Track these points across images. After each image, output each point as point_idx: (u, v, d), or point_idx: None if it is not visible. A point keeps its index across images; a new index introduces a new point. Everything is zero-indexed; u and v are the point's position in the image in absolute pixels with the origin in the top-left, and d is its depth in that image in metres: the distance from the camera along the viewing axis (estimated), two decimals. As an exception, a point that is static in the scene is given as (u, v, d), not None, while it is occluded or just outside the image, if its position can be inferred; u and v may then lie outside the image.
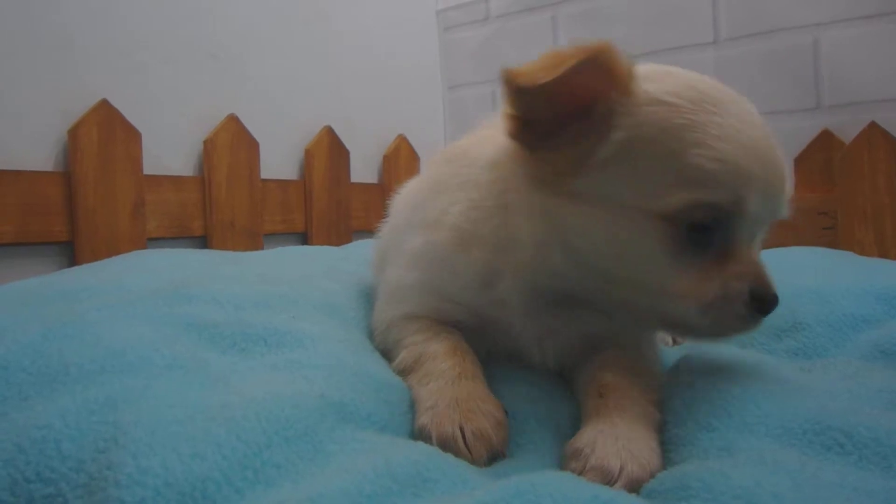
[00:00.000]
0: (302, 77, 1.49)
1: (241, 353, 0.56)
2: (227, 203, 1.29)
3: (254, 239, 1.33)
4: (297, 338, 0.59)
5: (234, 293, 0.65)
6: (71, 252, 1.08)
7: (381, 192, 1.66)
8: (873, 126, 1.30)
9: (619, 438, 0.46)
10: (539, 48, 1.78)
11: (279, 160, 1.44)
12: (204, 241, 1.26)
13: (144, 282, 0.67)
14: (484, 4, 1.80)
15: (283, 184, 1.42)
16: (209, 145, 1.26)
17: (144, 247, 1.15)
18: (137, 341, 0.53)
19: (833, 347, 0.71)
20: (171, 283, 0.66)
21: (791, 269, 0.91)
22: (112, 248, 1.09)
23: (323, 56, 1.54)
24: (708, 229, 0.52)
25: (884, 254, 1.28)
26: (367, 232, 1.64)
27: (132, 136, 1.14)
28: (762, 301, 0.52)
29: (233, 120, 1.31)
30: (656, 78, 0.55)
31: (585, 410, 0.53)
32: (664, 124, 0.51)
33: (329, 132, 1.52)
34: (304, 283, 0.77)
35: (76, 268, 0.79)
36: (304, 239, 1.47)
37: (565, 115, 0.54)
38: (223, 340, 0.57)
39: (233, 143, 1.31)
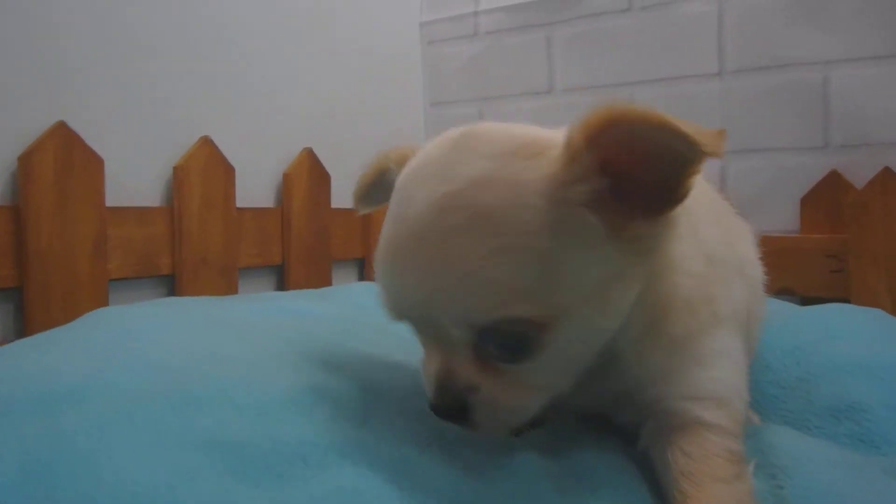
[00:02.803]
0: (279, 94, 1.36)
1: (277, 481, 0.45)
2: (200, 236, 1.15)
3: (228, 276, 1.20)
4: (344, 452, 0.48)
5: (252, 391, 0.53)
6: (19, 298, 0.93)
7: (361, 218, 1.54)
8: (887, 171, 1.26)
9: None
10: (532, 69, 1.71)
11: (255, 186, 1.30)
12: (172, 281, 1.12)
13: (136, 374, 0.54)
14: (472, 19, 1.70)
15: (259, 212, 1.29)
16: (180, 172, 1.12)
17: (105, 290, 1.00)
18: (147, 481, 0.41)
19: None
20: (171, 376, 0.54)
21: (828, 333, 0.85)
22: (68, 294, 0.95)
23: (301, 71, 1.41)
24: None
25: None
26: (347, 261, 1.53)
27: (93, 162, 1.00)
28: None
29: (206, 143, 1.17)
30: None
31: None
32: None
33: (310, 154, 1.39)
34: (333, 362, 0.65)
35: (39, 342, 0.65)
36: (281, 272, 1.34)
37: None
38: (253, 465, 0.45)
39: (206, 168, 1.17)
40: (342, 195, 1.50)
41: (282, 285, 1.34)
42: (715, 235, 0.58)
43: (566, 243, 0.43)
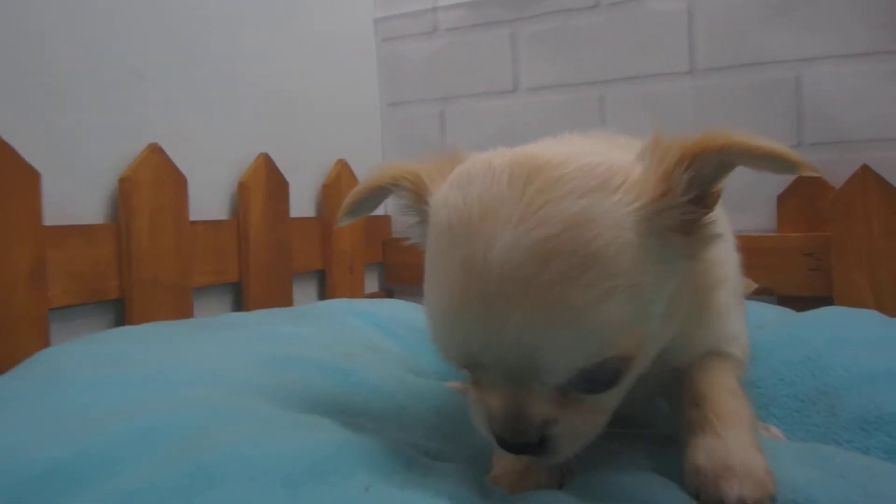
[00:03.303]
0: (231, 96, 1.25)
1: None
2: (150, 254, 1.03)
3: (181, 297, 1.08)
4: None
5: (270, 457, 0.44)
6: (-59, 337, 0.79)
7: (320, 227, 1.44)
8: (865, 169, 1.26)
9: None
10: (496, 68, 1.65)
11: (209, 197, 1.19)
12: (121, 306, 1.00)
13: (128, 442, 0.44)
14: (431, 15, 1.62)
15: (214, 225, 1.17)
16: (127, 184, 1.00)
17: (46, 322, 0.87)
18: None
19: None
20: (173, 448, 0.44)
21: (836, 341, 0.83)
22: (2, 328, 0.82)
23: (253, 72, 1.30)
24: None
25: (879, 298, 1.25)
26: (307, 274, 1.42)
27: (29, 177, 0.87)
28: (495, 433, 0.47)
29: (155, 151, 1.05)
30: (451, 183, 0.50)
31: (685, 423, 0.52)
32: (429, 239, 0.51)
33: (266, 161, 1.28)
34: (345, 415, 0.56)
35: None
36: (239, 290, 1.23)
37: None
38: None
39: (156, 179, 1.05)
40: (301, 204, 1.40)
41: (239, 304, 1.23)
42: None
43: (660, 271, 0.45)
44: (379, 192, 0.57)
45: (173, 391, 0.61)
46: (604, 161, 0.45)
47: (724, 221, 0.60)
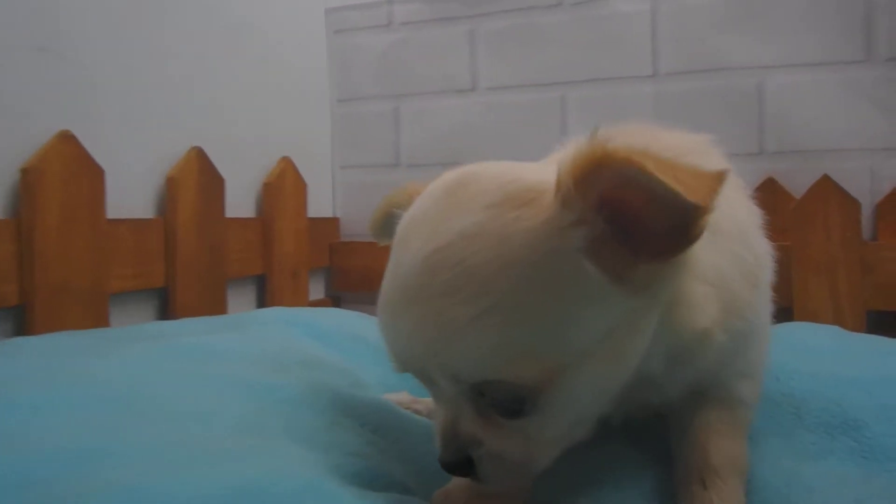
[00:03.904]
0: (162, 82, 1.14)
1: None
2: (59, 255, 0.92)
3: (96, 303, 0.98)
4: None
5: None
6: None
7: (261, 229, 1.34)
8: (826, 179, 1.23)
9: None
10: (454, 65, 1.58)
11: (131, 192, 1.08)
12: (21, 312, 0.89)
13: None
14: (386, 7, 1.54)
15: (137, 224, 1.07)
16: (32, 175, 0.89)
17: (-75, 331, 0.76)
18: None
19: None
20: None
21: (799, 352, 0.81)
22: None
23: (188, 57, 1.20)
24: None
25: (838, 309, 1.23)
26: (245, 280, 1.33)
27: None
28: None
29: (67, 139, 0.94)
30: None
31: (685, 495, 0.52)
32: None
33: (199, 154, 1.18)
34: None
35: None
36: (165, 297, 1.12)
37: None
38: None
39: (67, 170, 0.94)
40: (239, 203, 1.30)
41: (166, 312, 1.13)
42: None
43: (562, 297, 0.41)
44: (389, 218, 0.55)
45: (54, 418, 0.52)
46: (521, 178, 0.43)
47: (720, 250, 0.51)
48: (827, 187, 1.24)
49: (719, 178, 0.37)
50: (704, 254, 0.46)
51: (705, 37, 1.32)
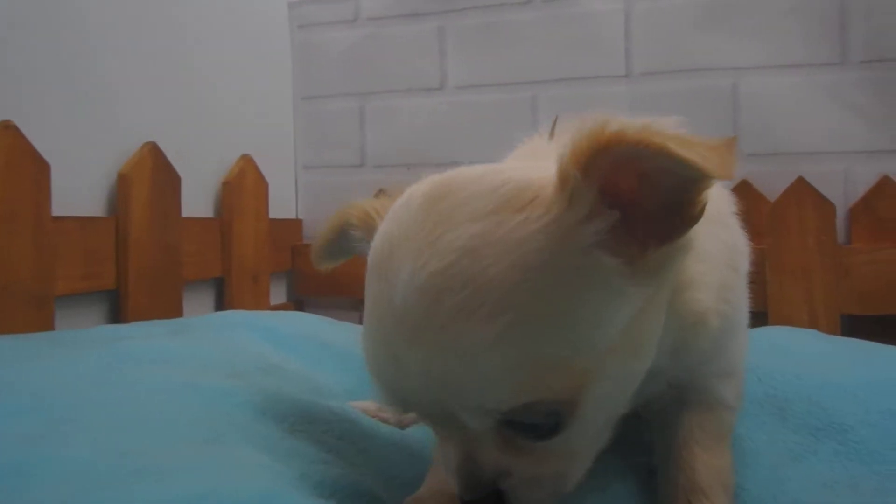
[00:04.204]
0: (114, 73, 1.09)
1: None
2: (1, 254, 0.86)
3: (41, 306, 0.91)
4: None
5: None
6: None
7: (219, 230, 1.29)
8: (801, 181, 1.24)
9: None
10: (422, 63, 1.55)
11: (80, 189, 1.02)
12: (-45, 316, 0.83)
13: None
14: (353, 2, 1.51)
15: (85, 223, 1.01)
16: (-32, 167, 0.83)
17: None
18: None
19: (888, 451, 0.63)
20: None
21: (781, 354, 0.82)
22: None
23: (144, 48, 1.15)
24: None
25: (813, 313, 1.23)
26: (203, 283, 1.27)
27: None
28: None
29: (7, 129, 0.88)
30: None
31: None
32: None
33: (154, 150, 1.13)
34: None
35: None
36: (116, 300, 1.06)
37: None
38: None
39: (10, 164, 0.88)
40: (195, 201, 1.25)
41: (117, 316, 1.07)
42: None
43: (585, 297, 0.38)
44: (340, 235, 0.53)
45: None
46: (514, 178, 0.40)
47: (707, 234, 0.51)
48: (802, 190, 1.24)
49: (731, 146, 0.36)
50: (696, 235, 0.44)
51: (680, 37, 1.32)
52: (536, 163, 0.45)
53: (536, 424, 0.40)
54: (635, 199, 0.38)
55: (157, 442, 0.49)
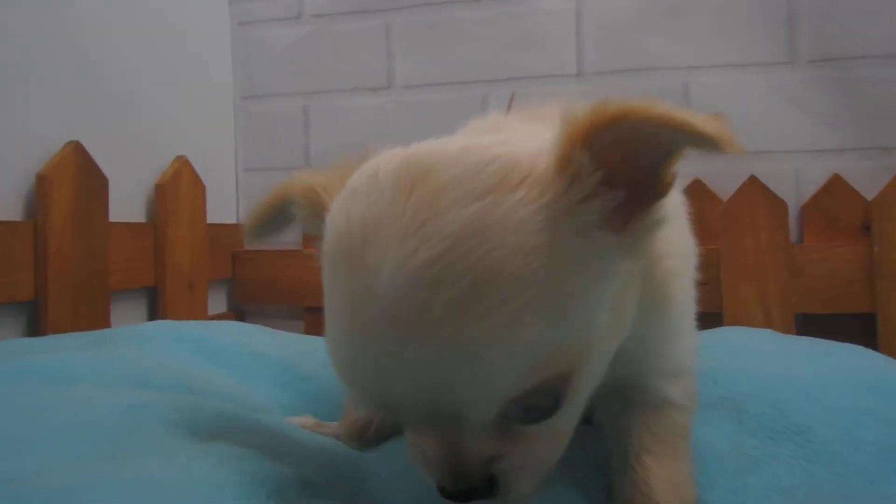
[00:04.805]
0: (35, 67, 1.04)
1: None
2: None
3: (-55, 318, 0.86)
4: None
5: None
6: None
7: (151, 235, 1.24)
8: (753, 180, 1.25)
9: None
10: (369, 61, 1.52)
11: (-6, 190, 0.97)
12: None
13: None
14: (296, -1, 1.48)
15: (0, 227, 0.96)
16: None
17: None
18: None
19: (848, 452, 0.63)
20: None
21: (735, 354, 0.83)
22: None
23: (68, 40, 1.10)
24: None
25: (768, 313, 1.24)
26: (133, 292, 1.22)
27: None
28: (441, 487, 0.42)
29: None
30: (338, 202, 0.44)
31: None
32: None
33: (77, 150, 1.08)
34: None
35: None
36: (34, 311, 1.01)
37: None
38: None
39: None
40: (125, 205, 1.20)
41: (35, 329, 1.01)
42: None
43: (585, 276, 0.39)
44: (278, 211, 0.51)
45: None
46: (501, 154, 0.39)
47: (674, 206, 0.54)
48: (754, 188, 1.26)
49: (722, 119, 0.37)
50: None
51: (631, 36, 1.33)
52: (505, 137, 0.45)
53: (537, 407, 0.40)
54: (623, 171, 0.39)
55: (47, 464, 0.45)
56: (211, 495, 0.44)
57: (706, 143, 0.36)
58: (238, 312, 1.48)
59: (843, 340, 0.89)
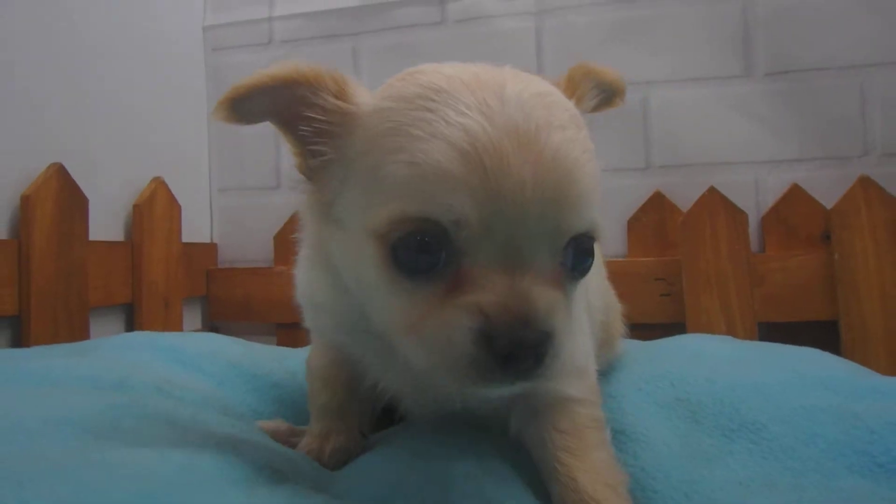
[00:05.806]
0: (20, 93, 1.16)
1: None
2: None
3: (-66, 329, 0.97)
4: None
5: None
6: None
7: (128, 253, 1.35)
8: (713, 191, 1.35)
9: None
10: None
11: (-21, 210, 1.08)
12: None
13: None
14: (266, 25, 1.61)
15: (-16, 245, 1.07)
16: None
17: None
18: None
19: (801, 447, 0.67)
20: None
21: (693, 359, 0.90)
22: None
23: (51, 66, 1.22)
24: (428, 250, 0.46)
25: (730, 322, 1.33)
26: (111, 309, 1.33)
27: None
28: (492, 337, 0.44)
29: None
30: (392, 82, 0.55)
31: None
32: (371, 133, 0.50)
33: (59, 172, 1.19)
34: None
35: None
36: (18, 326, 1.12)
37: (311, 140, 0.54)
38: None
39: None
40: (104, 224, 1.31)
41: (19, 342, 1.12)
42: None
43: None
44: (280, 89, 0.54)
45: None
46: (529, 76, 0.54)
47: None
48: (714, 200, 1.35)
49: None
50: None
51: (590, 52, 1.44)
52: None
53: (582, 252, 0.49)
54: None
55: (32, 451, 0.50)
56: (188, 476, 0.49)
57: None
58: (212, 329, 1.58)
59: (805, 348, 0.96)
